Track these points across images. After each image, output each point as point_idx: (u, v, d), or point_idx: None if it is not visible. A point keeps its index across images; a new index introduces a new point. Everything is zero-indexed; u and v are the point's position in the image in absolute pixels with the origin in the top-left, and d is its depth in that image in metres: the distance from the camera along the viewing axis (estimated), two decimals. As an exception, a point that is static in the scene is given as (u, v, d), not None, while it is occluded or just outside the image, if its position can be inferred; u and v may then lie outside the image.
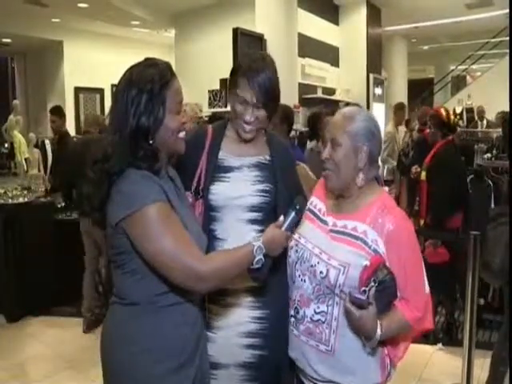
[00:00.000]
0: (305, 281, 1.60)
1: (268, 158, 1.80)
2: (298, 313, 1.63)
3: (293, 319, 1.66)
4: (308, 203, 1.73)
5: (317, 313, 1.57)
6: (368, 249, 1.50)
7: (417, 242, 1.59)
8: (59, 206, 4.71)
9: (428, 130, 4.31)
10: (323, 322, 1.56)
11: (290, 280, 1.69)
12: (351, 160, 1.56)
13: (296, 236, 1.67)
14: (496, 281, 2.86)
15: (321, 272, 1.54)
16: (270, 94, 1.69)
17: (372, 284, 1.44)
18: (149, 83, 1.40)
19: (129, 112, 1.39)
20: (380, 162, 1.91)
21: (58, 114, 5.30)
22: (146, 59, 1.49)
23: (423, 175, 4.04)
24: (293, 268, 1.66)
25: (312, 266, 1.57)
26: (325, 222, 1.64)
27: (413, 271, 1.55)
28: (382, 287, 1.45)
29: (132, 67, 1.46)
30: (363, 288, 1.45)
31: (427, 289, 1.59)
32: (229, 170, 1.75)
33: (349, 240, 1.54)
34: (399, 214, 1.58)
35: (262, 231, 1.55)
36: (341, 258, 1.52)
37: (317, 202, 1.72)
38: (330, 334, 1.55)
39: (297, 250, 1.64)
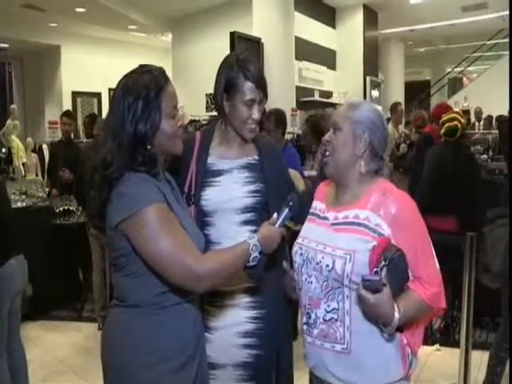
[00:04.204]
0: (311, 282, 1.57)
1: (257, 157, 1.81)
2: (309, 318, 1.58)
3: (306, 326, 1.59)
4: (311, 209, 1.72)
5: (328, 311, 1.53)
6: (372, 233, 1.48)
7: (421, 219, 1.55)
8: (57, 210, 4.71)
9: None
10: (336, 320, 1.52)
11: (297, 287, 1.65)
12: (349, 146, 1.56)
13: (299, 240, 1.65)
14: (495, 283, 2.85)
15: (327, 265, 1.51)
16: (265, 82, 1.75)
17: (383, 263, 1.42)
18: (144, 90, 1.42)
19: (126, 119, 1.41)
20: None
21: (73, 118, 5.57)
22: (141, 66, 1.51)
23: None
24: (299, 273, 1.62)
25: (318, 263, 1.54)
26: (326, 219, 1.62)
27: (422, 248, 1.53)
28: (393, 265, 1.43)
29: (127, 75, 1.48)
30: (375, 269, 1.42)
31: (438, 266, 1.55)
32: (218, 173, 1.77)
33: (352, 228, 1.52)
34: (400, 194, 1.56)
35: (255, 231, 1.56)
36: (345, 247, 1.49)
37: (317, 205, 1.71)
38: (344, 331, 1.51)
39: (301, 253, 1.61)
